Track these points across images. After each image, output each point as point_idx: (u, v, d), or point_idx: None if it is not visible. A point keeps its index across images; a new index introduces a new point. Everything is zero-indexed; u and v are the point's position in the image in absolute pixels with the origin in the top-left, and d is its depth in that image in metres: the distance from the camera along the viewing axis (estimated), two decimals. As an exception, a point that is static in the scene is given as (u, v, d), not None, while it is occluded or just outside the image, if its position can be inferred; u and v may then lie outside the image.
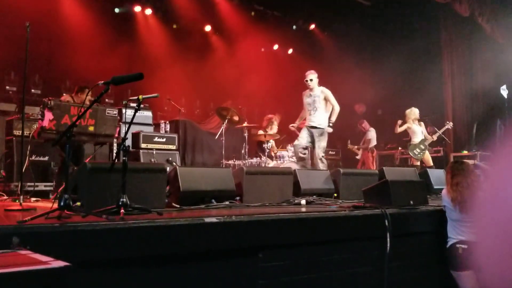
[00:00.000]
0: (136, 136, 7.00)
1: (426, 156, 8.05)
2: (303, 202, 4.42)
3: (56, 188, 5.04)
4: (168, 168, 3.84)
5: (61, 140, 3.05)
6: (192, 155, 9.21)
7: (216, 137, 7.82)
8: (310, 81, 6.74)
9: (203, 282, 2.82)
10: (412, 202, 3.99)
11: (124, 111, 6.27)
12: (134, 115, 3.17)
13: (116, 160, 3.36)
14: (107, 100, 9.25)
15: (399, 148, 10.41)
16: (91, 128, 5.14)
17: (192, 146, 9.26)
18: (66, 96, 5.92)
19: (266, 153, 7.74)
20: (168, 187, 3.83)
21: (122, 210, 2.81)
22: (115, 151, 5.92)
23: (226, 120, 7.76)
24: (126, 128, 3.32)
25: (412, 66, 11.29)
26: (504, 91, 7.39)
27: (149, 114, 7.79)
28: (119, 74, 3.07)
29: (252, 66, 10.77)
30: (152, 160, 6.86)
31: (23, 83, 3.88)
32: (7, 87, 8.51)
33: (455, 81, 11.27)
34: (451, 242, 3.80)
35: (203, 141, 9.39)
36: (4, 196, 5.11)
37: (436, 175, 5.88)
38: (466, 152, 9.83)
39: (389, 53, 11.32)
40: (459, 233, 3.74)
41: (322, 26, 12.53)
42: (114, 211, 2.83)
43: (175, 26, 11.00)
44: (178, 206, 3.69)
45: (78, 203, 3.08)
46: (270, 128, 8.37)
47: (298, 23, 12.31)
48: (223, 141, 7.57)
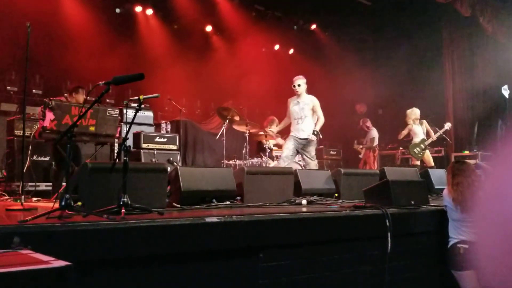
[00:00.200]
0: (137, 136, 7.01)
1: (427, 156, 8.05)
2: (304, 202, 4.43)
3: (54, 190, 5.04)
4: (169, 168, 3.85)
5: (61, 140, 3.06)
6: (193, 155, 9.23)
7: (217, 137, 7.81)
8: (298, 86, 6.18)
9: (203, 282, 2.82)
10: (413, 202, 3.98)
11: (125, 111, 6.29)
12: (135, 115, 3.18)
13: (117, 160, 3.37)
14: (108, 100, 9.24)
15: (400, 148, 10.40)
16: (92, 128, 5.15)
17: (193, 146, 9.28)
18: (61, 98, 5.86)
19: (267, 153, 7.73)
20: (169, 187, 3.84)
21: (123, 210, 2.82)
22: (116, 151, 5.94)
23: (227, 120, 7.75)
24: (127, 128, 3.33)
25: (413, 66, 11.28)
26: (505, 91, 7.38)
27: (150, 114, 7.80)
28: (120, 74, 3.07)
29: (252, 66, 10.75)
30: (153, 160, 6.87)
31: (24, 83, 3.88)
32: (8, 87, 8.51)
33: (456, 81, 11.25)
34: (452, 242, 3.80)
35: (204, 141, 9.41)
36: (5, 196, 5.13)
37: (437, 175, 5.88)
38: (467, 152, 9.82)
39: (390, 53, 11.32)
40: (460, 233, 3.74)
41: (323, 26, 12.50)
42: (115, 211, 2.84)
43: (176, 26, 11.00)
44: (179, 206, 3.69)
45: (79, 203, 3.08)
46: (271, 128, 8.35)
47: (299, 23, 12.28)
48: (224, 141, 7.57)
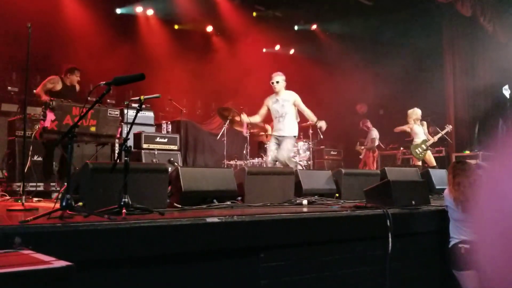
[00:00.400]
0: (138, 136, 7.02)
1: (428, 156, 8.05)
2: (304, 202, 4.42)
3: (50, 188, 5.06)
4: (170, 169, 3.85)
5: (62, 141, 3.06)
6: (193, 155, 9.23)
7: (218, 137, 7.81)
8: (276, 83, 5.94)
9: (204, 282, 2.82)
10: (414, 202, 3.98)
11: (125, 111, 6.30)
12: (136, 116, 3.18)
13: (118, 161, 3.37)
14: (108, 100, 9.25)
15: (401, 148, 10.40)
16: (93, 129, 5.15)
17: (193, 147, 9.27)
18: (55, 77, 5.72)
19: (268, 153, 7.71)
20: (170, 187, 3.83)
21: (124, 210, 2.82)
22: (117, 152, 5.94)
23: (228, 121, 7.74)
24: (128, 129, 3.33)
25: (413, 66, 11.26)
26: (506, 91, 7.39)
27: (150, 114, 7.81)
28: (121, 74, 3.08)
29: (253, 66, 10.74)
30: (154, 160, 6.88)
31: (25, 84, 3.88)
32: (9, 88, 8.53)
33: (457, 80, 11.24)
34: (453, 242, 3.80)
35: (205, 141, 9.41)
36: (6, 196, 5.13)
37: (438, 175, 5.88)
38: (468, 152, 9.81)
39: (390, 53, 11.30)
40: (461, 233, 3.74)
41: (323, 26, 12.51)
42: (116, 211, 2.83)
43: (176, 27, 11.01)
44: (180, 206, 3.69)
45: (80, 203, 3.08)
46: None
47: (299, 23, 12.29)
48: (225, 141, 7.57)
